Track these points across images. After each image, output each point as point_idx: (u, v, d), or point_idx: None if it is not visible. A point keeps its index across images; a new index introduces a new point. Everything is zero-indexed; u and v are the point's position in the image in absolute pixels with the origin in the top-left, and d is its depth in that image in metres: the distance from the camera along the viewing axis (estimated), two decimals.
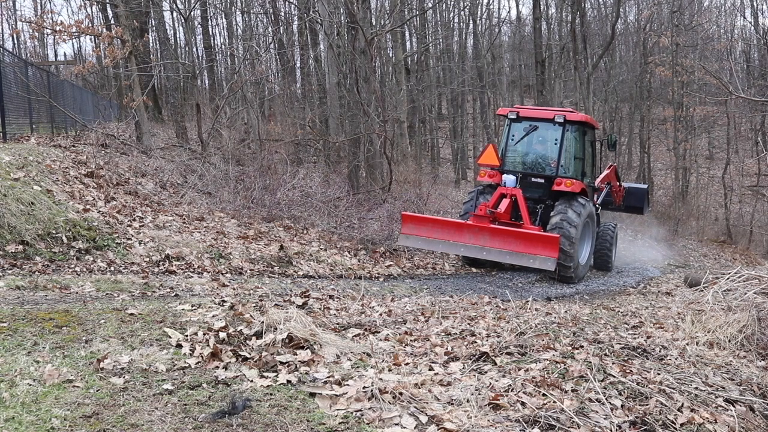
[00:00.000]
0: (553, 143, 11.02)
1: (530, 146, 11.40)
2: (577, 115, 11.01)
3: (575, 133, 11.02)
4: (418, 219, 10.85)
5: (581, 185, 10.74)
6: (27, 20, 24.51)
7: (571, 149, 11.01)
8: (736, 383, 4.10)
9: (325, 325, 4.68)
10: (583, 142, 11.31)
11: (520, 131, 11.33)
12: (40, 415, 2.80)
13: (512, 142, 11.40)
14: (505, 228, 10.03)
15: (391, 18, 20.28)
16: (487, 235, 9.97)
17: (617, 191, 14.05)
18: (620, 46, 36.26)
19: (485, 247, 9.91)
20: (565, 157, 10.92)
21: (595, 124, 12.02)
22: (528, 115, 11.32)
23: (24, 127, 13.35)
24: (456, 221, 10.66)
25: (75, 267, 6.92)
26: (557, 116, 10.81)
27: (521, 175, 11.08)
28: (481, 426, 3.00)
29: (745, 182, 29.95)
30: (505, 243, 9.79)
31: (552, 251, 9.48)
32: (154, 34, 24.54)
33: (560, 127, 10.90)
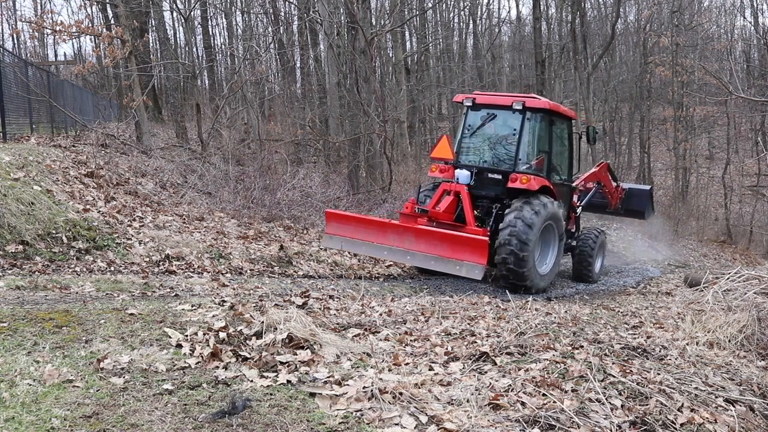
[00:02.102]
0: (512, 134, 9.55)
1: (487, 138, 9.94)
2: (540, 102, 9.53)
3: (538, 123, 9.53)
4: (343, 217, 9.60)
5: (542, 182, 9.30)
6: (27, 20, 24.52)
7: (533, 141, 9.54)
8: (736, 383, 4.10)
9: (325, 325, 4.68)
10: (550, 134, 9.76)
11: (476, 121, 9.92)
12: (40, 415, 2.80)
13: (468, 133, 10.00)
14: (430, 229, 8.73)
15: (391, 18, 20.28)
16: (411, 236, 8.64)
17: (612, 192, 12.60)
18: (620, 46, 36.24)
19: (409, 251, 8.58)
20: (524, 149, 9.42)
21: (567, 114, 10.46)
22: (485, 102, 9.82)
23: (24, 127, 13.36)
24: (381, 220, 9.43)
25: (75, 267, 6.92)
26: (515, 102, 9.35)
27: (476, 170, 9.55)
28: (481, 426, 3.00)
29: (745, 182, 29.93)
30: (430, 246, 8.45)
31: (479, 257, 8.04)
32: (154, 34, 24.53)
33: (519, 115, 9.40)
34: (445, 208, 9.24)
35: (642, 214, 13.59)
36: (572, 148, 10.72)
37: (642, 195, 13.41)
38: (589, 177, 11.83)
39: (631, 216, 14.40)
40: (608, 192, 12.42)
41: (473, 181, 9.48)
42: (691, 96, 26.49)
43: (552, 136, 9.80)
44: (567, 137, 10.56)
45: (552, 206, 9.16)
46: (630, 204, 13.19)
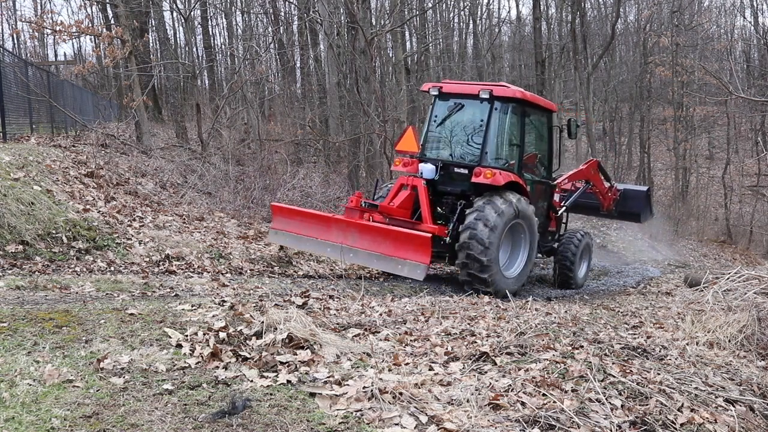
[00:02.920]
0: (479, 125, 8.86)
1: (454, 129, 9.25)
2: (509, 90, 8.77)
3: (509, 114, 8.80)
4: (289, 211, 8.84)
5: (510, 177, 8.54)
6: (27, 20, 24.52)
7: (502, 133, 8.80)
8: (736, 383, 4.10)
9: (325, 325, 4.68)
10: (522, 126, 9.03)
11: (443, 111, 9.24)
12: (40, 415, 2.80)
13: (434, 124, 9.34)
14: (373, 225, 8.13)
15: (391, 18, 20.27)
16: (355, 232, 8.01)
17: (604, 193, 11.72)
18: (620, 46, 36.25)
19: (353, 248, 7.96)
20: (492, 142, 8.69)
21: (545, 105, 9.69)
22: (452, 91, 9.13)
23: (24, 127, 13.36)
24: (325, 215, 8.73)
25: (75, 267, 6.92)
26: (482, 91, 8.65)
27: (442, 165, 8.88)
28: (481, 426, 3.00)
29: (745, 182, 29.93)
30: (374, 243, 7.81)
31: (423, 256, 7.47)
32: (154, 34, 24.54)
33: (487, 104, 8.70)
34: (400, 203, 8.57)
35: (638, 217, 12.58)
36: (552, 142, 9.99)
37: (638, 196, 12.42)
38: (575, 175, 11.12)
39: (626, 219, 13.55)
40: (599, 192, 11.60)
41: (438, 175, 8.83)
42: (691, 96, 26.50)
43: (525, 129, 9.08)
44: (546, 131, 9.89)
45: (520, 204, 8.45)
46: (625, 206, 12.23)
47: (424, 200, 8.52)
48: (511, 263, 8.83)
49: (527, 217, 8.67)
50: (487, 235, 7.96)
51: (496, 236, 8.05)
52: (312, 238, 8.32)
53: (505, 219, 8.16)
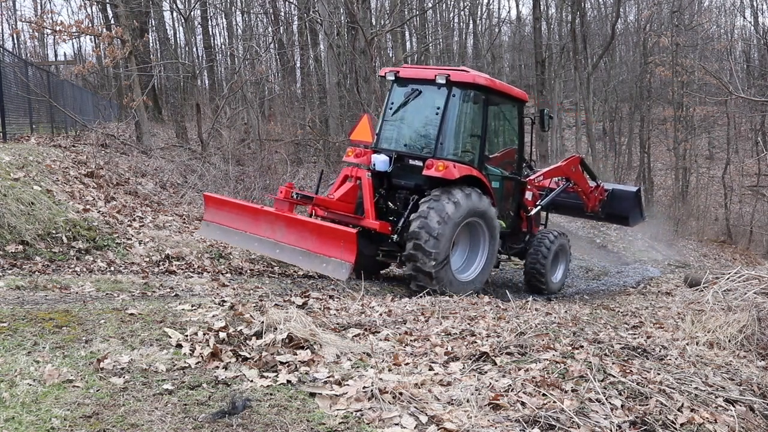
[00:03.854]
0: (435, 113, 8.09)
1: (410, 118, 8.47)
2: (468, 75, 8.00)
3: (469, 101, 8.10)
4: (220, 202, 8.10)
5: (467, 171, 7.85)
6: (27, 20, 24.53)
7: (460, 122, 8.08)
8: (736, 383, 4.10)
9: (325, 325, 4.68)
10: (485, 115, 8.25)
11: (400, 98, 8.44)
12: (40, 415, 2.80)
13: (390, 112, 8.56)
14: (300, 218, 7.44)
15: (391, 18, 20.27)
16: (283, 226, 7.34)
17: (588, 193, 10.77)
18: (620, 46, 36.26)
19: (279, 243, 7.30)
20: (448, 132, 7.97)
21: (513, 94, 8.87)
22: (409, 76, 8.38)
23: (24, 127, 13.36)
24: (254, 206, 7.95)
25: (75, 267, 6.92)
26: (439, 76, 7.90)
27: (396, 156, 8.09)
28: (481, 426, 3.00)
29: (745, 182, 29.95)
30: (300, 239, 7.15)
31: (347, 253, 6.79)
32: (154, 34, 24.55)
33: (445, 90, 7.96)
34: (341, 196, 7.85)
35: (626, 220, 11.57)
36: (522, 135, 9.22)
37: (627, 197, 11.34)
38: (552, 172, 10.30)
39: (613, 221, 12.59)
40: (582, 192, 10.69)
41: (393, 168, 8.07)
42: (691, 96, 26.51)
43: (487, 118, 8.30)
44: (515, 122, 9.13)
45: (479, 200, 7.75)
46: (612, 207, 11.21)
47: (368, 193, 7.82)
48: (468, 265, 8.16)
49: (486, 216, 7.96)
50: (438, 225, 7.30)
51: (448, 229, 7.37)
52: (241, 232, 7.63)
53: (461, 214, 7.49)
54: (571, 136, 34.17)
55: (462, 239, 8.04)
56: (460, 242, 8.04)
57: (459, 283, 7.73)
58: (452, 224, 7.43)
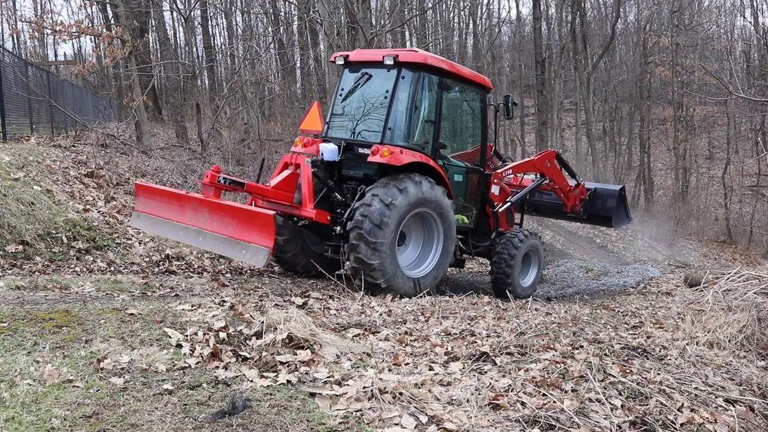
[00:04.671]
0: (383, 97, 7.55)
1: (360, 103, 7.91)
2: (419, 56, 7.52)
3: (420, 84, 7.55)
4: (151, 191, 7.47)
5: (416, 158, 7.27)
6: (27, 20, 24.53)
7: (411, 106, 7.47)
8: (736, 383, 4.11)
9: (325, 325, 4.68)
10: (439, 99, 7.70)
11: (350, 83, 7.98)
12: (40, 415, 2.80)
13: (340, 98, 8.09)
14: (218, 202, 6.83)
15: (391, 18, 20.27)
16: (206, 212, 6.78)
17: (566, 191, 10.07)
18: (620, 46, 36.29)
19: (203, 231, 6.73)
20: (397, 116, 7.45)
21: (474, 79, 8.29)
22: (359, 60, 7.89)
23: (24, 127, 13.36)
24: (180, 193, 7.32)
25: (75, 267, 6.92)
26: (387, 57, 7.39)
27: (345, 144, 7.60)
28: (481, 426, 3.00)
29: (745, 182, 29.98)
30: (222, 225, 6.63)
31: (264, 238, 6.22)
32: (154, 34, 24.52)
33: (394, 72, 7.45)
34: (278, 183, 7.28)
35: (608, 221, 10.83)
36: (485, 125, 8.60)
37: (609, 197, 10.63)
38: (522, 166, 9.67)
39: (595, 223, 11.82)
40: (560, 190, 10.01)
41: (342, 157, 7.60)
42: (691, 96, 26.52)
43: (442, 104, 7.77)
44: (477, 110, 8.59)
45: (430, 189, 7.21)
46: (595, 208, 10.55)
47: (307, 182, 7.25)
48: (420, 261, 7.59)
49: (439, 207, 7.38)
50: (382, 213, 6.73)
51: (393, 218, 6.80)
52: (168, 221, 7.06)
53: (408, 202, 6.93)
54: (571, 136, 34.19)
55: (415, 232, 7.55)
56: (413, 235, 7.54)
57: (408, 279, 7.15)
58: (398, 213, 6.85)
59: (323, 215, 7.20)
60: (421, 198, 7.10)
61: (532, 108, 33.07)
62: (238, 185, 7.17)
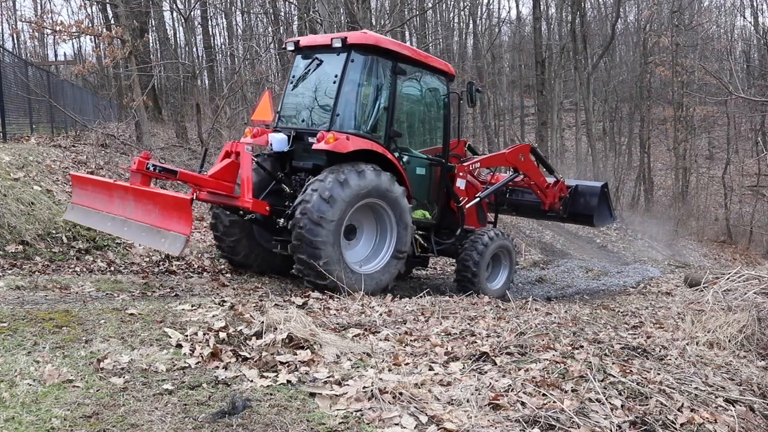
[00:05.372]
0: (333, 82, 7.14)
1: (311, 91, 7.51)
2: (371, 38, 7.09)
3: (372, 68, 7.16)
4: (85, 181, 7.01)
5: (365, 145, 6.83)
6: (27, 20, 24.53)
7: (361, 91, 7.09)
8: (736, 383, 4.11)
9: (325, 325, 4.68)
10: (393, 84, 7.25)
11: (301, 70, 7.58)
12: (40, 415, 2.80)
13: (291, 86, 7.71)
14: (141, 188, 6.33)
15: (391, 18, 20.28)
16: (131, 200, 6.36)
17: (544, 188, 9.53)
18: (620, 46, 36.30)
19: (128, 220, 6.30)
20: (346, 102, 7.02)
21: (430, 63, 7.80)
22: (309, 44, 7.49)
23: (24, 127, 13.37)
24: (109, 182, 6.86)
25: (75, 267, 6.92)
26: (335, 40, 7.03)
27: (295, 134, 7.18)
28: (481, 426, 3.00)
29: (745, 182, 30.00)
30: (145, 213, 6.21)
31: (181, 224, 5.81)
32: (154, 34, 24.54)
33: (343, 55, 7.06)
34: (215, 172, 6.78)
35: (590, 220, 10.19)
36: (448, 114, 8.11)
37: (591, 194, 9.97)
38: (492, 159, 9.16)
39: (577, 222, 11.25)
40: (537, 186, 9.45)
41: (292, 147, 7.19)
42: (691, 96, 26.55)
43: (396, 89, 7.31)
44: (439, 98, 8.10)
45: (379, 179, 6.70)
46: (576, 206, 9.97)
47: (246, 170, 6.72)
48: (374, 256, 7.12)
49: (391, 199, 6.87)
50: (322, 209, 6.28)
51: (333, 212, 6.35)
52: (98, 212, 6.66)
53: (352, 193, 6.46)
54: (571, 136, 34.20)
55: (367, 226, 7.10)
56: (365, 229, 7.11)
57: (358, 276, 6.67)
58: (340, 207, 6.39)
59: (261, 206, 6.71)
60: (367, 188, 6.59)
61: (532, 108, 33.10)
62: (169, 173, 6.67)
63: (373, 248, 7.18)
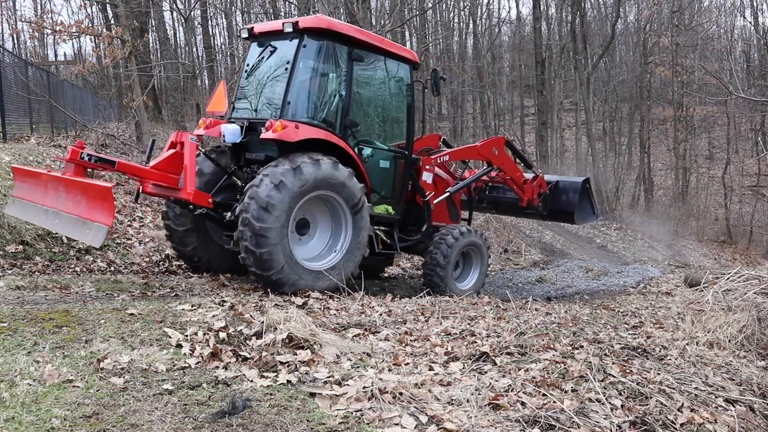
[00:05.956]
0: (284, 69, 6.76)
1: (264, 79, 7.17)
2: (323, 21, 6.74)
3: (324, 52, 6.80)
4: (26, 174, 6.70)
5: (318, 133, 6.49)
6: (27, 20, 24.53)
7: (313, 77, 6.75)
8: (736, 383, 4.11)
9: (325, 325, 4.68)
10: (349, 71, 6.86)
11: (255, 57, 7.27)
12: (40, 415, 2.80)
13: (245, 75, 7.41)
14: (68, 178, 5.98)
15: (391, 18, 20.28)
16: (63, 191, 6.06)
17: (521, 183, 9.04)
18: (620, 46, 36.30)
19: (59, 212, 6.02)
20: (297, 88, 6.66)
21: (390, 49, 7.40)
22: (262, 31, 7.14)
23: (24, 127, 13.36)
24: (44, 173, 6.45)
25: (75, 267, 6.93)
26: (287, 24, 6.69)
27: (248, 125, 6.80)
28: (481, 426, 3.00)
29: (745, 182, 30.01)
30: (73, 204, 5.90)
31: (102, 214, 5.54)
32: (154, 34, 24.54)
33: (296, 40, 6.69)
34: (157, 163, 6.40)
35: (571, 217, 9.68)
36: (412, 103, 7.70)
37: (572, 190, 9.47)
38: (462, 152, 8.74)
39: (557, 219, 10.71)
40: (513, 181, 8.98)
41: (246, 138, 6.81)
42: (691, 96, 26.56)
43: (352, 76, 6.91)
44: (402, 87, 7.69)
45: (333, 169, 6.32)
46: (556, 203, 9.47)
47: (189, 160, 6.34)
48: (328, 252, 6.73)
49: (346, 191, 6.49)
50: (269, 193, 5.90)
51: (284, 201, 5.98)
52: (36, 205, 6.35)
53: (303, 183, 6.07)
54: (571, 136, 34.20)
55: (321, 221, 6.72)
56: (319, 224, 6.72)
57: (308, 272, 6.28)
58: (289, 194, 6.01)
59: (203, 198, 6.37)
60: (321, 179, 6.22)
61: (532, 108, 33.11)
62: (107, 164, 6.28)
63: (327, 246, 6.78)
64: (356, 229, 6.68)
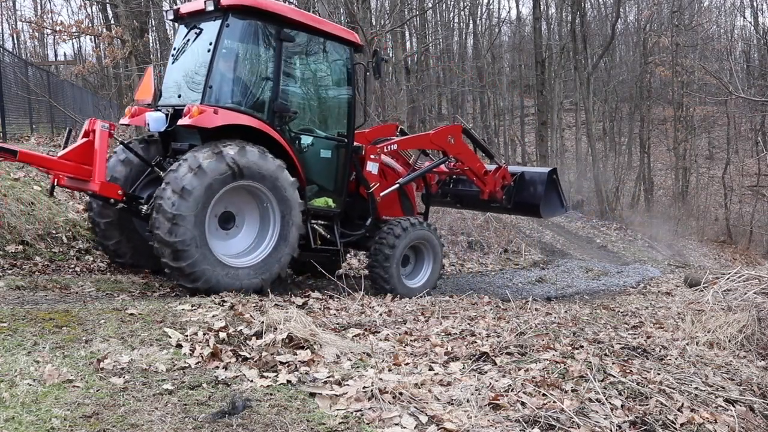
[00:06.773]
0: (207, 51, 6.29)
1: (190, 63, 6.67)
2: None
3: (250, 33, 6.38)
4: None
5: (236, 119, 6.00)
6: (27, 20, 24.54)
7: (237, 58, 6.32)
8: (736, 383, 4.11)
9: (325, 325, 4.68)
10: (278, 52, 6.37)
11: (181, 40, 6.81)
12: (40, 415, 2.80)
13: (172, 60, 6.94)
14: None
15: (391, 18, 20.28)
16: None
17: (481, 175, 8.44)
18: (620, 46, 36.28)
19: None
20: (220, 71, 6.21)
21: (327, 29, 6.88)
22: (187, 11, 6.65)
23: (24, 127, 13.38)
24: None
25: (75, 267, 6.92)
26: (208, 3, 6.20)
27: (173, 112, 6.30)
28: (481, 426, 3.00)
29: (745, 182, 30.01)
30: None
31: None
32: (154, 34, 24.52)
33: (218, 21, 6.24)
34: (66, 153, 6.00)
35: (536, 210, 8.90)
36: (353, 87, 7.22)
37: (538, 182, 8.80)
38: (414, 141, 8.19)
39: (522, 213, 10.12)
40: (472, 172, 8.42)
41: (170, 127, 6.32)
42: (691, 96, 26.56)
43: (281, 57, 6.41)
44: (340, 69, 7.19)
45: (259, 159, 5.85)
46: (521, 195, 8.80)
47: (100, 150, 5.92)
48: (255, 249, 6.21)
49: (274, 183, 5.98)
50: (186, 178, 5.45)
51: (201, 186, 5.50)
52: None
53: (226, 168, 5.61)
54: (571, 136, 34.21)
55: (249, 215, 6.23)
56: (246, 218, 6.22)
57: (230, 268, 5.81)
58: (208, 181, 5.55)
59: (112, 189, 5.97)
60: (246, 167, 5.74)
61: (532, 108, 33.11)
62: (8, 153, 5.90)
63: (255, 242, 6.25)
64: (285, 225, 6.16)
